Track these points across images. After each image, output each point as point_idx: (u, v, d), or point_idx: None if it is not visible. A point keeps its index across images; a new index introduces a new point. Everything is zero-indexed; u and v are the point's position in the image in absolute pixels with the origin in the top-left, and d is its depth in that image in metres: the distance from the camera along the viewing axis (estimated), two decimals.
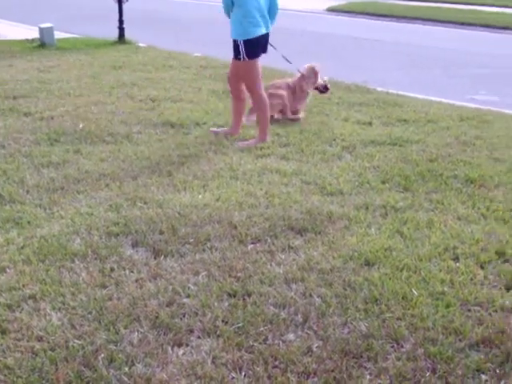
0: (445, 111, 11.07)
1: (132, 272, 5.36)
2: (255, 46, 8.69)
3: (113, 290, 5.07)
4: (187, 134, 9.31)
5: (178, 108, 10.71)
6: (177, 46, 17.67)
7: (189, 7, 29.92)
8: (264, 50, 8.90)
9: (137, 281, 5.23)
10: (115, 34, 18.46)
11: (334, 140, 9.05)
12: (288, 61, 9.80)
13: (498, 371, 4.23)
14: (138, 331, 4.57)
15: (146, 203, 6.71)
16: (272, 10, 8.78)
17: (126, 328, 4.59)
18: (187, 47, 17.36)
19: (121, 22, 18.47)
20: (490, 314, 4.85)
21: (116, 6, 18.30)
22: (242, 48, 8.59)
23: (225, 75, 13.25)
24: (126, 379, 4.07)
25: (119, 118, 10.07)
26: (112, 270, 5.39)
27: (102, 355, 4.28)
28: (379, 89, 12.96)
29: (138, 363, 4.23)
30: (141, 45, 17.87)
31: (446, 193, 7.14)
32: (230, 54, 8.81)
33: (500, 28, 23.09)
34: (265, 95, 9.10)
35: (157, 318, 4.71)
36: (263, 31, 8.67)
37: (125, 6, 18.29)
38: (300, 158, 8.30)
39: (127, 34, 18.48)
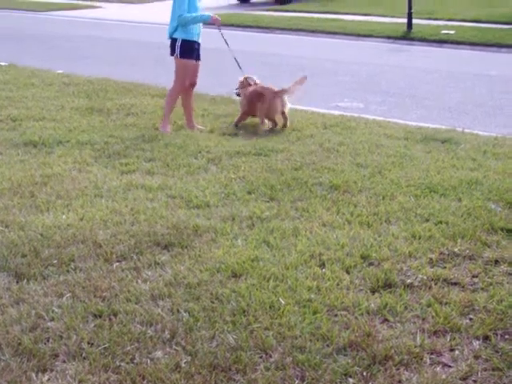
0: (309, 119, 11.21)
1: None
2: None
3: None
4: (50, 153, 9.10)
5: (40, 127, 10.45)
6: (39, 63, 17.25)
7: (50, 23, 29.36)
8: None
9: None
10: None
11: (200, 152, 9.04)
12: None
13: (364, 374, 4.30)
14: None
15: (7, 226, 6.53)
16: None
17: None
18: (50, 64, 16.98)
19: None
20: (356, 318, 4.92)
21: None
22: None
23: (89, 91, 13.12)
24: None
25: None
26: None
27: None
28: None
29: None
30: (1, 63, 17.39)
31: (311, 200, 7.22)
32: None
33: (364, 36, 23.50)
34: None
35: (19, 344, 4.58)
36: None
37: None
38: (165, 172, 8.24)
39: None
